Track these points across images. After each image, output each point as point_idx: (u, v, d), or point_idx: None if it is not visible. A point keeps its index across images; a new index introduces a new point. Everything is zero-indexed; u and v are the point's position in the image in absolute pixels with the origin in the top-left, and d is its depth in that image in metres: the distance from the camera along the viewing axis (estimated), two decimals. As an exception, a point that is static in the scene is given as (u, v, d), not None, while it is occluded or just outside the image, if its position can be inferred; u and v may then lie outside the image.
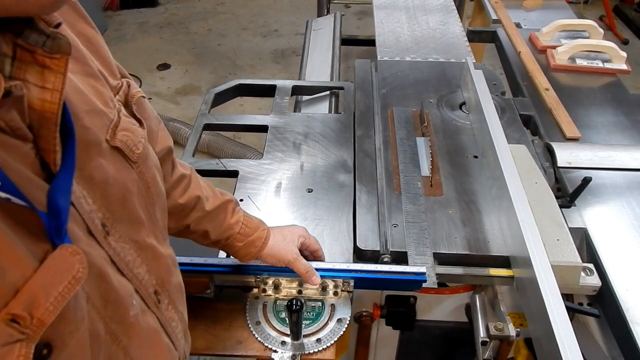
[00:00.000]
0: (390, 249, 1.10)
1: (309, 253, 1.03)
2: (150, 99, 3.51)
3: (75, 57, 0.54)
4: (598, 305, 1.05)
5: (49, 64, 0.44)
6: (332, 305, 1.02)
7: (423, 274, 1.00)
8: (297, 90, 1.73)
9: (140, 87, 0.72)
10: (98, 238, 0.52)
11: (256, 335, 0.98)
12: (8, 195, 0.39)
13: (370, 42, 2.09)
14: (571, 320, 0.84)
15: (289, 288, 1.04)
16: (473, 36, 2.04)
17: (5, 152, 0.41)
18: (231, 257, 0.99)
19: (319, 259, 1.04)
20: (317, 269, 0.99)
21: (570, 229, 1.09)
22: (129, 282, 0.56)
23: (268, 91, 1.67)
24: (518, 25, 2.02)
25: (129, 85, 0.65)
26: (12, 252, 0.40)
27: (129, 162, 0.59)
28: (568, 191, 1.22)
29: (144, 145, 0.62)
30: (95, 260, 0.50)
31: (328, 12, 2.87)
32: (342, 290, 1.03)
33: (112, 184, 0.55)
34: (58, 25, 0.45)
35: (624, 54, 1.74)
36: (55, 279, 0.42)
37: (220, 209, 0.91)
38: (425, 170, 1.30)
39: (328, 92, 1.75)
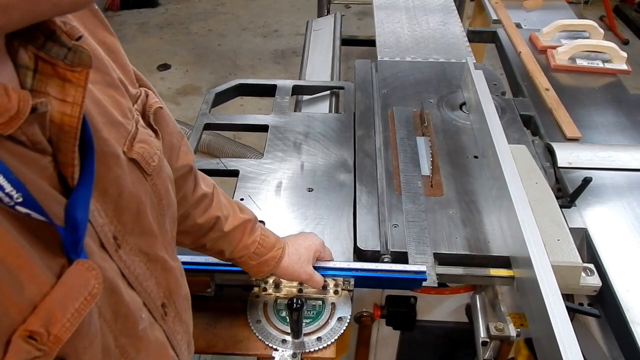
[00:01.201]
0: (391, 249, 1.10)
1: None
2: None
3: (96, 66, 0.53)
4: (598, 306, 1.05)
5: (70, 77, 0.43)
6: (333, 304, 1.02)
7: (423, 272, 1.01)
8: (297, 90, 1.73)
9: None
10: (110, 251, 0.51)
11: (257, 334, 0.98)
12: (28, 211, 0.39)
13: (371, 43, 2.09)
14: (571, 320, 0.84)
15: (289, 287, 1.04)
16: (473, 36, 2.04)
17: (25, 166, 0.41)
18: None
19: None
20: (317, 268, 0.99)
21: (570, 229, 1.09)
22: (137, 295, 0.55)
23: (268, 91, 1.67)
24: (518, 26, 2.02)
25: (147, 95, 0.64)
26: (30, 268, 0.40)
27: (144, 174, 0.58)
28: (568, 191, 1.22)
29: (159, 157, 0.61)
30: (107, 274, 0.49)
31: (328, 12, 2.87)
32: (342, 289, 1.03)
33: (126, 197, 0.54)
34: (79, 38, 0.45)
35: (624, 54, 1.74)
36: (72, 295, 0.42)
37: (237, 229, 0.89)
38: (426, 170, 1.30)
39: (328, 92, 1.75)
